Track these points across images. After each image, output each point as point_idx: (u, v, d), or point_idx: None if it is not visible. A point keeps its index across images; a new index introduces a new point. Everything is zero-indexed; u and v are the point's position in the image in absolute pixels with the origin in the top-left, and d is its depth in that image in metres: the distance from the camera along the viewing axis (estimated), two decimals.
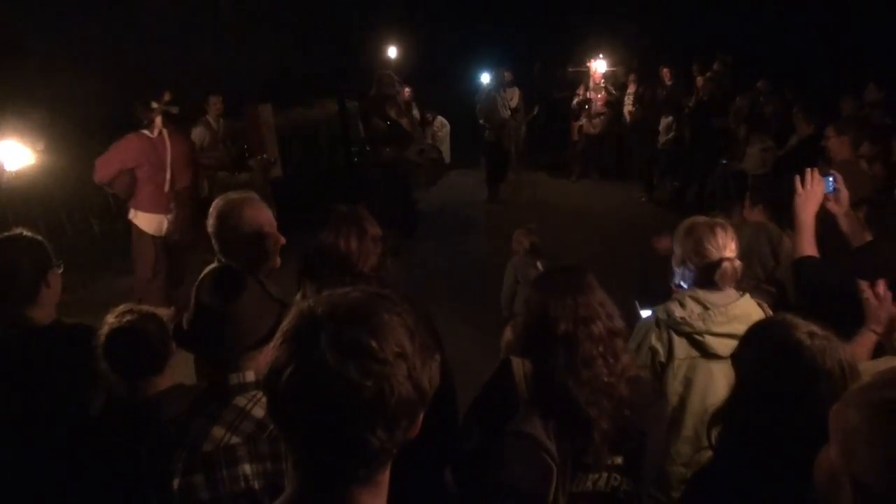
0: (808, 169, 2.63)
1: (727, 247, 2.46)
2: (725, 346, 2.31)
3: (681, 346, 2.46)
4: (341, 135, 10.34)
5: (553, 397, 1.94)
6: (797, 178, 2.61)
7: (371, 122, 8.06)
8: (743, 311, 2.44)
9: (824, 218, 2.73)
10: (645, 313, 2.78)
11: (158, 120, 5.47)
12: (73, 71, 7.49)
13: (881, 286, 2.25)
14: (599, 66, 11.55)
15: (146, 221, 5.49)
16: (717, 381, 2.41)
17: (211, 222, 2.60)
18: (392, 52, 11.54)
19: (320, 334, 0.99)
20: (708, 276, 2.47)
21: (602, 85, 11.34)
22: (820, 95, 8.11)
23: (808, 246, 2.58)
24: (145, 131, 5.44)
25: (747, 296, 2.50)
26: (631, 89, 11.11)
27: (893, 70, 8.21)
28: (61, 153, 6.35)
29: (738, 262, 2.47)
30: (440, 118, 12.48)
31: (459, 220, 9.81)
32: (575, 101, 11.76)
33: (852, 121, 5.17)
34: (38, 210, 6.77)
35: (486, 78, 11.72)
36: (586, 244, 8.10)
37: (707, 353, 2.43)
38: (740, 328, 1.82)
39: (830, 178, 2.68)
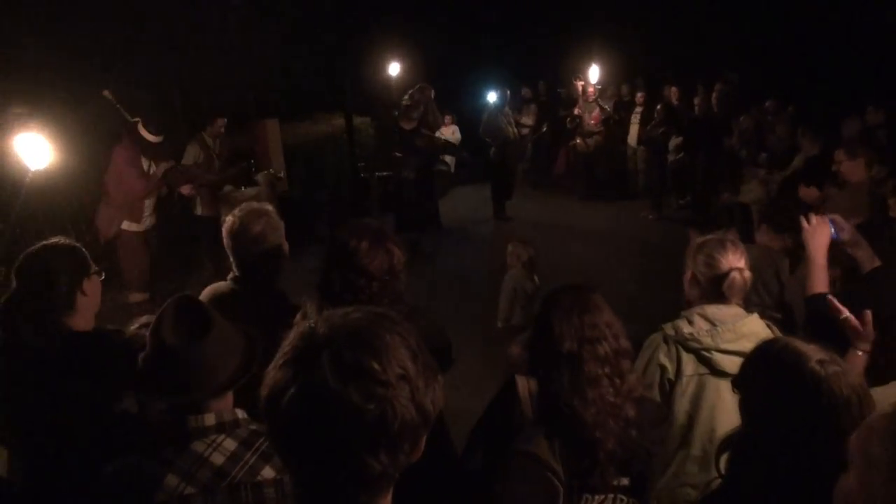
0: (810, 214, 2.66)
1: (736, 259, 2.47)
2: (734, 364, 2.29)
3: (689, 363, 2.45)
4: (348, 150, 10.39)
5: (559, 417, 1.93)
6: (801, 218, 2.63)
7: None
8: (751, 329, 2.43)
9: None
10: None
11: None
12: (83, 85, 7.54)
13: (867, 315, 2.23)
14: (592, 74, 11.37)
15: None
16: (726, 400, 2.39)
17: (225, 241, 2.61)
18: (395, 69, 11.62)
19: (322, 356, 0.97)
20: (716, 288, 2.47)
21: (592, 102, 11.28)
22: (823, 115, 8.12)
23: (819, 283, 2.57)
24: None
25: (755, 314, 2.50)
26: (638, 109, 11.11)
27: (891, 91, 8.22)
28: (70, 161, 6.39)
29: (747, 273, 2.47)
30: (454, 126, 12.50)
31: (465, 235, 9.83)
32: (567, 120, 11.77)
33: (858, 143, 5.18)
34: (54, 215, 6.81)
35: (491, 96, 11.79)
36: (591, 261, 8.09)
37: (715, 371, 2.43)
38: (749, 346, 1.81)
39: (831, 226, 2.67)
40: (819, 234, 2.60)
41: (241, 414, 1.65)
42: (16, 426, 2.32)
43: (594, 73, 11.40)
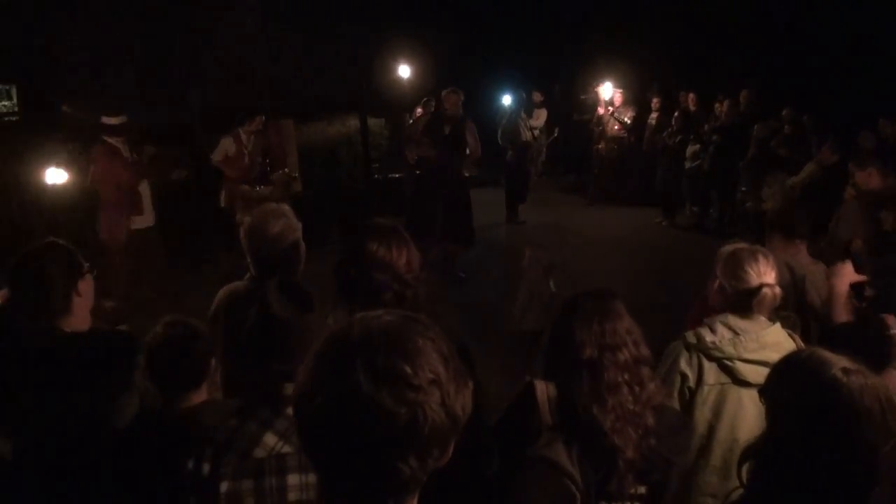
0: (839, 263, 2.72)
1: (767, 274, 2.45)
2: (756, 374, 2.28)
3: (710, 372, 2.43)
4: (362, 151, 10.42)
5: (577, 423, 1.92)
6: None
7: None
8: (774, 338, 2.41)
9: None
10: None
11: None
12: (101, 93, 7.64)
13: None
14: (605, 90, 11.49)
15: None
16: (747, 410, 2.38)
17: (243, 241, 2.62)
18: (412, 71, 11.64)
19: (355, 359, 0.97)
20: (745, 301, 2.45)
21: (615, 116, 11.29)
22: (840, 125, 8.06)
23: (842, 313, 2.59)
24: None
25: (778, 324, 2.48)
26: (654, 114, 11.07)
27: None
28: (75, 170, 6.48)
29: (777, 289, 2.46)
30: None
31: (478, 239, 9.80)
32: (592, 122, 11.75)
33: (869, 154, 5.18)
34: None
35: (506, 100, 11.77)
36: (605, 266, 8.06)
37: (737, 380, 2.41)
38: (772, 356, 1.80)
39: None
40: (844, 271, 2.67)
41: None
42: (17, 429, 2.31)
43: (607, 89, 11.43)
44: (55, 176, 5.27)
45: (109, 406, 2.29)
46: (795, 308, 3.61)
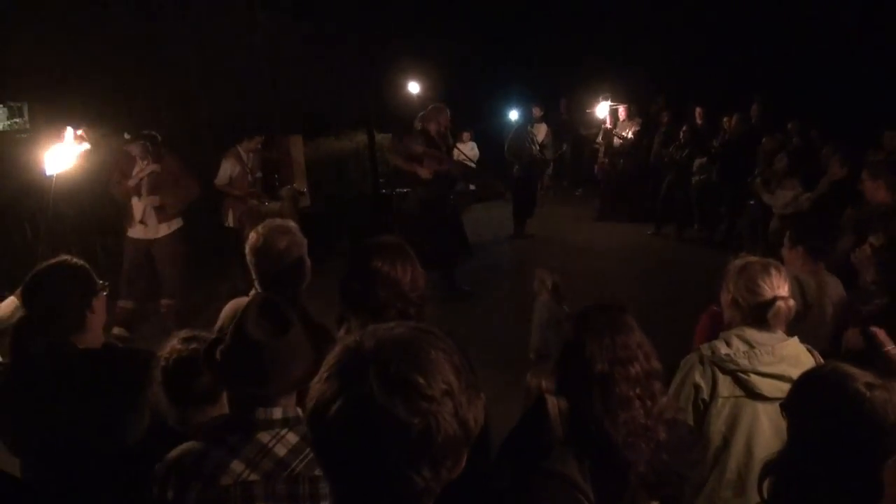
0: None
1: (781, 287, 2.44)
2: (772, 387, 2.26)
3: (725, 385, 2.41)
4: (370, 166, 10.45)
5: (589, 438, 1.91)
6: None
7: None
8: (791, 352, 2.39)
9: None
10: None
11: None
12: (113, 105, 7.71)
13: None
14: (601, 109, 11.61)
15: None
16: (763, 423, 2.36)
17: (248, 257, 2.62)
18: (416, 87, 11.71)
19: (368, 370, 0.97)
20: (760, 315, 2.43)
21: (615, 133, 11.33)
22: (849, 139, 8.03)
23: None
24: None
25: (795, 338, 2.46)
26: (661, 128, 11.09)
27: None
28: (97, 177, 6.53)
29: (791, 302, 2.44)
30: (472, 143, 12.45)
31: (485, 254, 9.80)
32: (599, 136, 11.79)
33: (884, 165, 5.14)
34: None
35: (513, 115, 11.81)
36: (613, 281, 8.04)
37: (752, 393, 2.38)
38: (789, 370, 1.79)
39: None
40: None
41: (301, 412, 1.70)
42: (29, 446, 2.33)
43: (602, 108, 11.50)
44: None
45: (121, 422, 2.30)
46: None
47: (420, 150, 7.64)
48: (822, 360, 2.43)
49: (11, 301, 3.05)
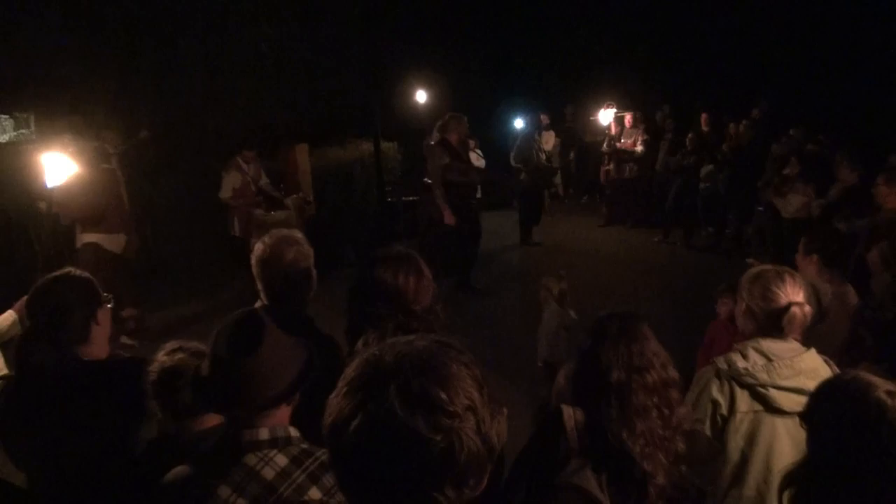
0: None
1: (796, 293, 2.38)
2: (791, 401, 2.21)
3: (743, 399, 2.35)
4: (376, 175, 10.44)
5: (606, 450, 1.86)
6: None
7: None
8: (809, 365, 2.33)
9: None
10: None
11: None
12: (118, 111, 7.74)
13: None
14: (604, 117, 11.62)
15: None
16: (782, 439, 2.30)
17: (254, 268, 2.59)
18: (425, 95, 11.71)
19: (389, 385, 0.94)
20: (775, 322, 2.37)
21: (620, 151, 11.34)
22: (860, 144, 7.98)
23: None
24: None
25: (813, 350, 2.40)
26: (668, 136, 11.06)
27: None
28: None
29: (807, 308, 2.38)
30: (478, 151, 12.42)
31: (492, 262, 9.76)
32: (605, 144, 11.77)
33: None
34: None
35: (519, 122, 11.78)
36: (621, 288, 7.99)
37: (771, 408, 2.33)
38: (808, 383, 1.74)
39: None
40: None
41: (293, 432, 1.66)
42: (35, 458, 2.30)
43: (605, 116, 11.50)
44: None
45: (127, 434, 2.27)
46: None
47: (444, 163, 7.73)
48: (838, 371, 2.38)
49: (10, 314, 3.04)
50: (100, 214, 6.08)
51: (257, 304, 2.68)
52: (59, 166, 4.83)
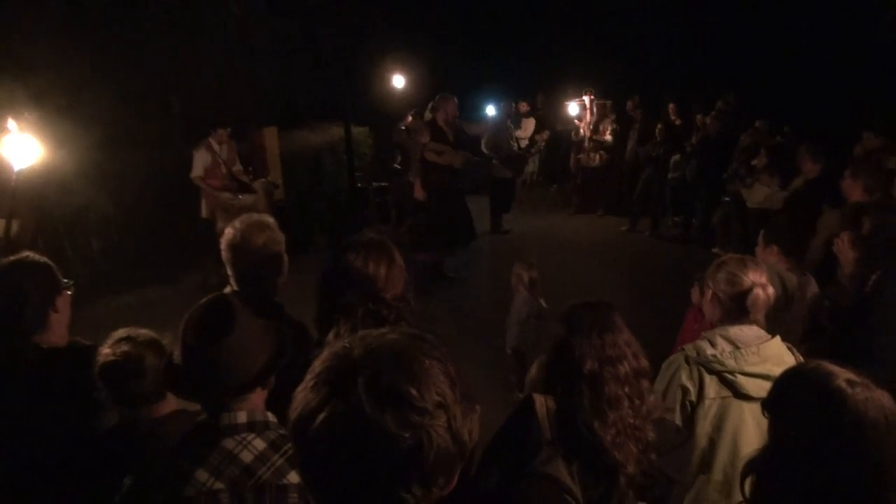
0: None
1: (759, 276, 2.44)
2: (758, 387, 2.26)
3: (711, 385, 2.41)
4: (346, 159, 10.33)
5: (578, 438, 1.87)
6: None
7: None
8: (775, 351, 2.40)
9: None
10: None
11: None
12: (86, 90, 7.53)
13: None
14: (572, 108, 11.71)
15: None
16: (749, 424, 2.36)
17: (224, 253, 2.54)
18: (399, 81, 11.60)
19: (357, 379, 0.91)
20: (739, 305, 2.43)
21: (593, 139, 11.40)
22: (825, 136, 8.11)
23: None
24: None
25: (778, 337, 2.46)
26: (636, 125, 11.14)
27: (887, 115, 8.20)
28: (67, 168, 6.37)
29: (770, 290, 2.45)
30: None
31: (462, 249, 9.77)
32: (574, 132, 11.82)
33: (865, 164, 5.19)
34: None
35: (490, 110, 11.76)
36: (590, 277, 8.05)
37: (739, 394, 2.38)
38: (774, 369, 1.78)
39: None
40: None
41: (271, 417, 1.66)
42: None
43: (573, 107, 11.55)
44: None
45: (87, 421, 2.23)
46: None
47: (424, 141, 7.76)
48: (802, 359, 2.44)
49: None
50: None
51: (226, 290, 2.64)
52: (20, 149, 4.59)
